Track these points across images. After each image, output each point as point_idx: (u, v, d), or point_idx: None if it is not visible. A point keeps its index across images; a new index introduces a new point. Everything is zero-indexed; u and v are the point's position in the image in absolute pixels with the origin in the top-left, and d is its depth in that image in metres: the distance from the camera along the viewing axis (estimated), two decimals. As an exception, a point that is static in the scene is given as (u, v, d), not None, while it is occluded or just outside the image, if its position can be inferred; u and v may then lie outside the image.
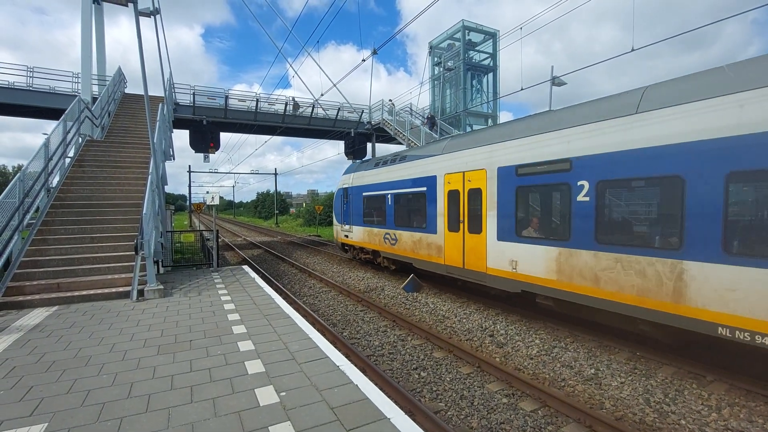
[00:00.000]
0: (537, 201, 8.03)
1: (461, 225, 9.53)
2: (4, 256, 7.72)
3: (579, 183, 6.71)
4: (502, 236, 8.31)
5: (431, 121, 21.82)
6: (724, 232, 4.98)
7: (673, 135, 5.51)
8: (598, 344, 6.97)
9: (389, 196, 12.85)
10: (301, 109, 23.00)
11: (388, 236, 13.01)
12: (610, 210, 6.53)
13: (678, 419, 4.71)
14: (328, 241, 26.73)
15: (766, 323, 4.63)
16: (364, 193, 14.66)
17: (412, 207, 11.74)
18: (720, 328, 5.05)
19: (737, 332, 4.90)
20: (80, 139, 12.70)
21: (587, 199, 6.58)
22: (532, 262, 7.61)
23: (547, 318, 8.28)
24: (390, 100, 23.98)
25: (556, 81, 14.05)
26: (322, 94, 18.29)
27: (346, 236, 16.34)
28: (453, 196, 9.84)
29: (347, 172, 16.70)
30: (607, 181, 6.33)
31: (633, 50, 8.75)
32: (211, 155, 22.92)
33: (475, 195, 9.06)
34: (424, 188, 10.95)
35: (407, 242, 11.86)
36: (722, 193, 5.00)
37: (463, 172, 9.49)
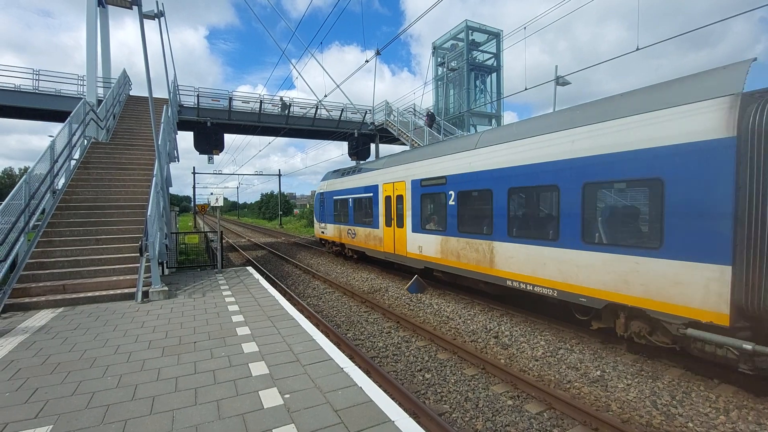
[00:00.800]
0: (431, 204, 11.02)
1: (392, 221, 12.60)
2: (10, 258, 7.77)
3: (449, 192, 9.90)
4: (414, 229, 11.46)
5: (431, 119, 21.85)
6: (509, 224, 8.19)
7: (489, 164, 8.64)
8: (604, 345, 6.92)
9: (350, 199, 15.94)
10: (290, 109, 22.99)
11: (350, 231, 16.09)
12: (464, 210, 9.58)
13: (685, 422, 4.65)
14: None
15: (529, 276, 7.65)
16: (334, 197, 17.64)
17: (364, 208, 14.74)
18: (508, 281, 8.20)
19: (515, 282, 8.02)
20: (85, 141, 12.79)
21: (453, 203, 9.77)
22: (429, 246, 10.77)
23: (552, 319, 8.23)
24: (386, 102, 23.97)
25: (560, 81, 13.99)
26: (325, 95, 18.31)
27: (323, 232, 19.61)
28: (388, 200, 12.93)
29: (324, 179, 19.68)
30: (462, 192, 9.52)
31: (638, 49, 8.69)
32: (215, 157, 23.07)
33: (400, 200, 12.17)
34: (371, 194, 14.04)
35: (362, 235, 14.95)
36: (506, 201, 8.20)
37: (393, 183, 12.59)
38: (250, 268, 12.00)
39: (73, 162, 11.57)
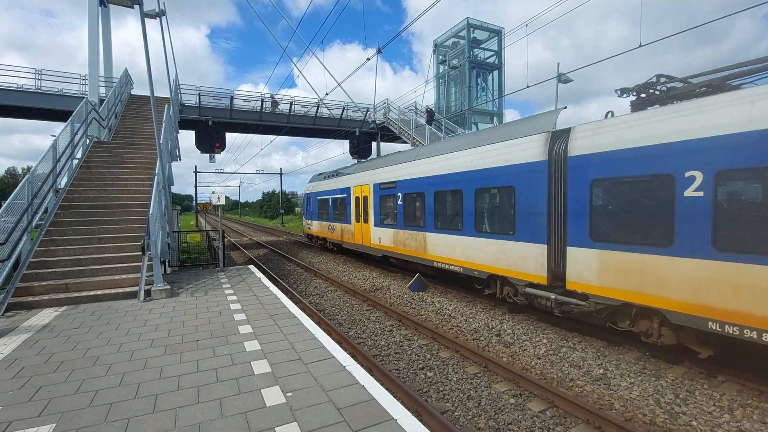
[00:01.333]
0: (387, 203, 13.34)
1: (361, 218, 15.18)
2: (14, 256, 7.79)
3: (398, 194, 12.43)
4: (376, 224, 14.02)
5: (430, 115, 21.86)
6: (435, 219, 10.60)
7: (423, 172, 11.15)
8: (607, 344, 6.90)
9: (330, 199, 18.51)
10: (279, 107, 22.96)
11: (330, 227, 18.67)
12: (408, 208, 12.00)
13: (689, 420, 4.64)
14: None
15: (447, 258, 10.11)
16: (317, 198, 20.26)
17: (340, 207, 17.28)
18: (435, 263, 10.63)
19: (439, 263, 10.46)
20: (88, 140, 12.81)
21: (401, 203, 12.27)
22: (386, 238, 13.31)
23: (555, 318, 8.21)
24: (386, 101, 23.95)
25: (562, 78, 13.94)
26: (326, 94, 18.29)
27: (309, 228, 22.63)
28: (357, 200, 15.57)
29: (310, 182, 22.48)
30: (406, 194, 12.00)
31: (641, 46, 8.63)
32: (216, 155, 23.05)
33: (366, 200, 14.77)
34: (345, 195, 16.63)
35: (338, 230, 17.55)
36: (433, 201, 10.62)
37: (361, 186, 15.17)
38: (251, 267, 12.01)
39: (75, 161, 11.59)
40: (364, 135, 25.07)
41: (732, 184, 5.12)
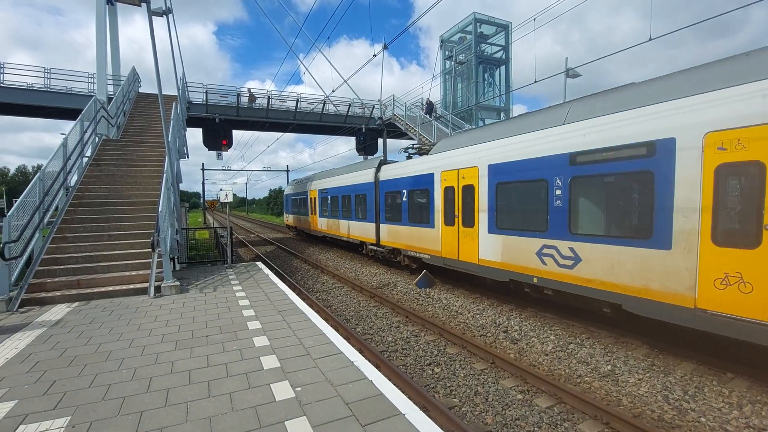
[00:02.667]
0: (325, 201, 19.83)
1: (316, 211, 21.55)
2: (26, 253, 7.93)
3: (325, 196, 19.80)
4: (321, 215, 20.73)
5: (429, 107, 21.87)
6: (355, 211, 16.29)
7: (336, 184, 18.87)
8: (615, 340, 6.87)
9: (299, 199, 25.88)
10: (257, 102, 22.99)
11: (298, 218, 26.51)
12: (328, 205, 19.53)
13: (698, 417, 4.62)
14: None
15: (364, 238, 15.62)
16: (291, 197, 28.71)
17: (302, 203, 24.90)
18: (357, 243, 16.49)
19: (360, 242, 16.26)
20: (97, 138, 12.93)
21: (327, 201, 19.81)
22: (323, 224, 20.08)
23: (562, 314, 8.19)
24: (390, 98, 23.95)
25: (570, 73, 13.81)
26: (333, 90, 18.28)
27: (287, 220, 31.38)
28: (312, 200, 22.34)
29: (288, 185, 32.28)
30: (330, 197, 19.26)
31: (650, 39, 8.52)
32: (224, 153, 23.11)
33: (314, 200, 21.73)
34: (305, 196, 23.84)
35: (303, 221, 25.03)
36: (353, 201, 16.51)
37: (317, 189, 21.29)
38: (259, 263, 12.10)
39: (85, 159, 11.72)
40: (370, 131, 25.04)
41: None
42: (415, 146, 13.83)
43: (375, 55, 13.59)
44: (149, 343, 5.39)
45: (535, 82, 12.24)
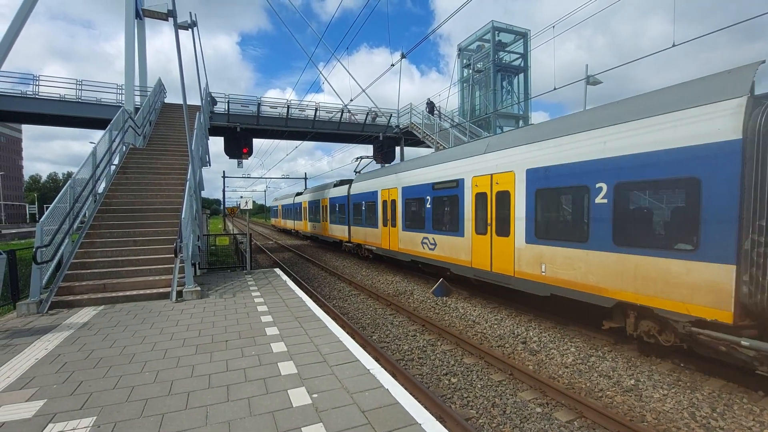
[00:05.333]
0: (312, 208, 27.05)
1: (302, 218, 30.79)
2: (57, 257, 8.24)
3: (301, 204, 28.86)
4: (309, 219, 28.41)
5: (431, 107, 21.98)
6: (330, 216, 22.35)
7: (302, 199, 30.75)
8: (639, 354, 6.67)
9: (290, 207, 35.92)
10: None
11: (284, 221, 39.13)
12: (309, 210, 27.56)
13: (727, 436, 4.44)
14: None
15: (342, 237, 20.49)
16: (281, 206, 41.52)
17: (294, 211, 34.27)
18: (341, 242, 20.72)
19: (341, 241, 20.92)
20: (124, 147, 13.41)
21: (305, 208, 29.63)
22: (300, 225, 32.14)
23: (584, 326, 8.01)
24: (407, 107, 24.12)
25: (591, 80, 13.64)
26: (351, 100, 18.53)
27: (275, 222, 47.30)
28: (302, 206, 30.04)
29: (275, 199, 48.51)
30: (311, 202, 27.36)
31: (674, 45, 8.37)
32: (244, 161, 23.65)
33: (302, 206, 30.85)
34: (299, 207, 31.67)
35: (288, 222, 37.64)
36: (328, 208, 22.72)
37: (302, 202, 30.52)
38: (277, 270, 12.25)
39: (112, 167, 12.16)
40: (387, 140, 25.20)
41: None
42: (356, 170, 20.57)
43: (393, 65, 13.73)
44: (171, 346, 5.51)
45: (555, 89, 12.14)
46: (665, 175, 5.76)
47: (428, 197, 11.90)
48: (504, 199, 8.74)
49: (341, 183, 21.45)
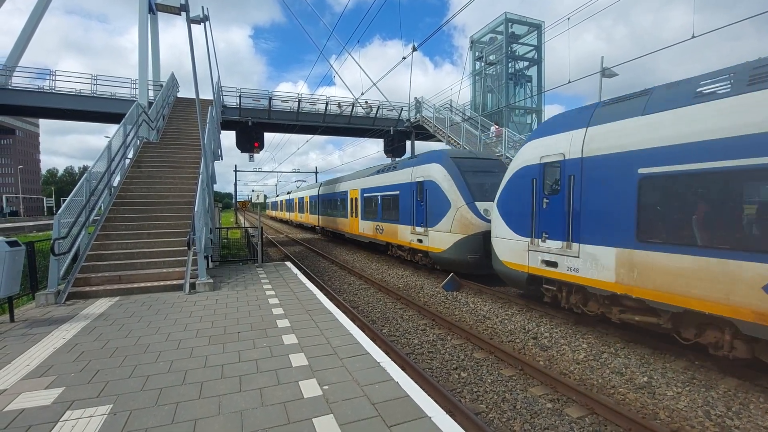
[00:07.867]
0: (303, 203, 35.66)
1: (295, 210, 41.70)
2: (74, 249, 8.42)
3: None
4: (306, 212, 34.94)
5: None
6: (322, 211, 28.02)
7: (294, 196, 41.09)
8: (652, 351, 6.58)
9: (280, 202, 53.87)
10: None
11: (278, 212, 55.08)
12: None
13: (743, 435, 4.36)
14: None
15: (314, 223, 31.13)
16: (277, 201, 57.15)
17: (281, 205, 52.10)
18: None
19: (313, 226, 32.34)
20: (138, 141, 13.59)
21: (297, 203, 39.32)
22: (291, 215, 43.41)
23: (596, 322, 7.92)
24: (420, 98, 24.04)
25: (606, 72, 13.38)
26: (362, 93, 18.46)
27: (271, 213, 64.21)
28: (295, 201, 41.03)
29: (269, 200, 66.05)
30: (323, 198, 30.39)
31: (694, 37, 8.15)
32: (255, 155, 23.83)
33: (295, 203, 41.06)
34: (292, 202, 41.97)
35: (280, 214, 52.99)
36: (316, 202, 29.81)
37: (296, 198, 40.67)
38: (288, 263, 12.34)
39: (127, 161, 12.34)
40: (398, 134, 25.11)
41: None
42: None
43: (404, 58, 13.64)
44: (184, 337, 5.61)
45: (569, 82, 11.94)
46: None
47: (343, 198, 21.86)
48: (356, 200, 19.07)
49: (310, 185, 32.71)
